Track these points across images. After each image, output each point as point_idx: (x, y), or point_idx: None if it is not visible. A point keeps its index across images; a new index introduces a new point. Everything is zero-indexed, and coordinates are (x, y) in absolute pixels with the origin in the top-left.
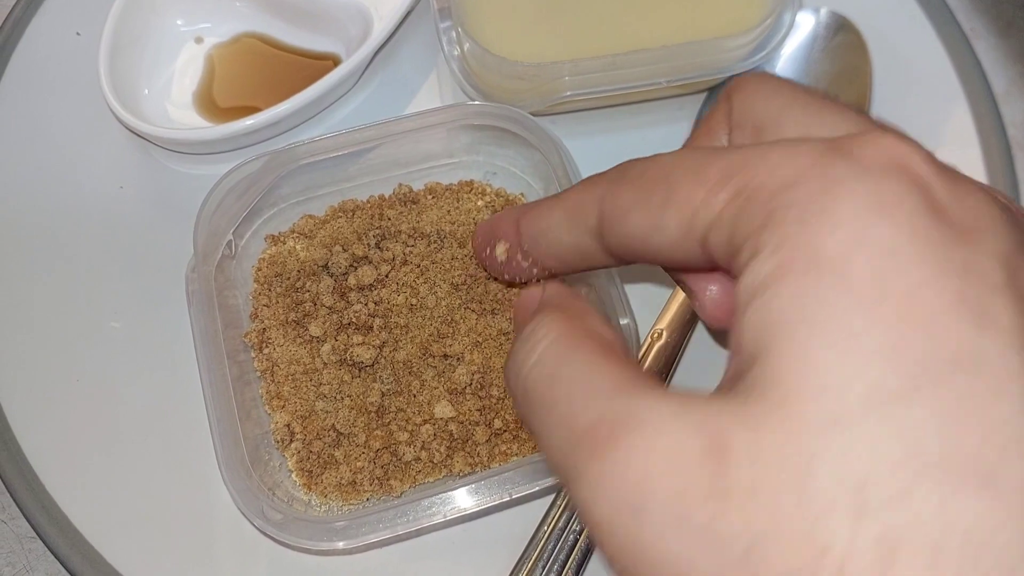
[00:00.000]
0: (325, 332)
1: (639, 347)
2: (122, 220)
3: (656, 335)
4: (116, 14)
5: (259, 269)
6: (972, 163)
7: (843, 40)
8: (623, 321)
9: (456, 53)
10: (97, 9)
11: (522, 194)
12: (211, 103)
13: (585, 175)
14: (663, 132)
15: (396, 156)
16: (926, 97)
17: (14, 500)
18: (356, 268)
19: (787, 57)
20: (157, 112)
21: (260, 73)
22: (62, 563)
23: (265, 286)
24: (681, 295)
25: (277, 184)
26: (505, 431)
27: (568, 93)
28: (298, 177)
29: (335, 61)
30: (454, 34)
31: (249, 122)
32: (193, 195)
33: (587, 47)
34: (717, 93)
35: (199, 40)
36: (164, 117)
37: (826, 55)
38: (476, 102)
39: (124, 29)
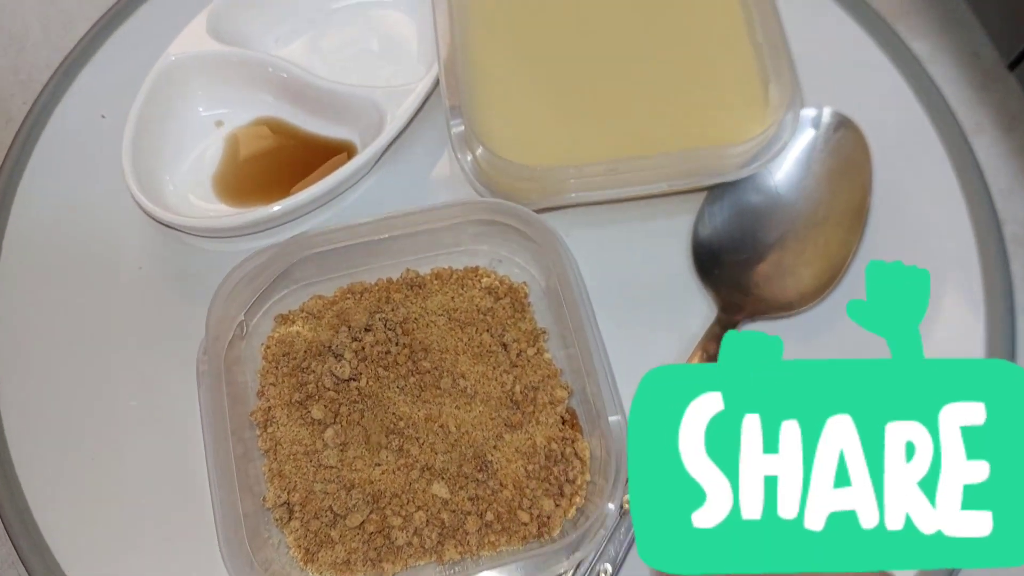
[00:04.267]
0: (326, 415)
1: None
2: (142, 299)
3: None
4: (141, 102)
5: (268, 347)
6: (968, 259)
7: (844, 137)
8: (613, 418)
9: (466, 153)
10: (121, 93)
11: (525, 283)
12: (230, 186)
13: (585, 267)
14: (665, 225)
15: (405, 243)
16: (925, 193)
17: (25, 568)
18: (362, 348)
19: (789, 155)
20: (177, 195)
21: (277, 157)
22: None
23: (273, 364)
24: None
25: (289, 269)
26: (496, 522)
27: (573, 195)
28: (310, 262)
29: (349, 147)
30: (463, 131)
31: (265, 212)
32: (211, 272)
33: (592, 151)
34: (718, 190)
35: (219, 124)
36: (184, 199)
37: (827, 152)
38: (481, 199)
39: (148, 115)
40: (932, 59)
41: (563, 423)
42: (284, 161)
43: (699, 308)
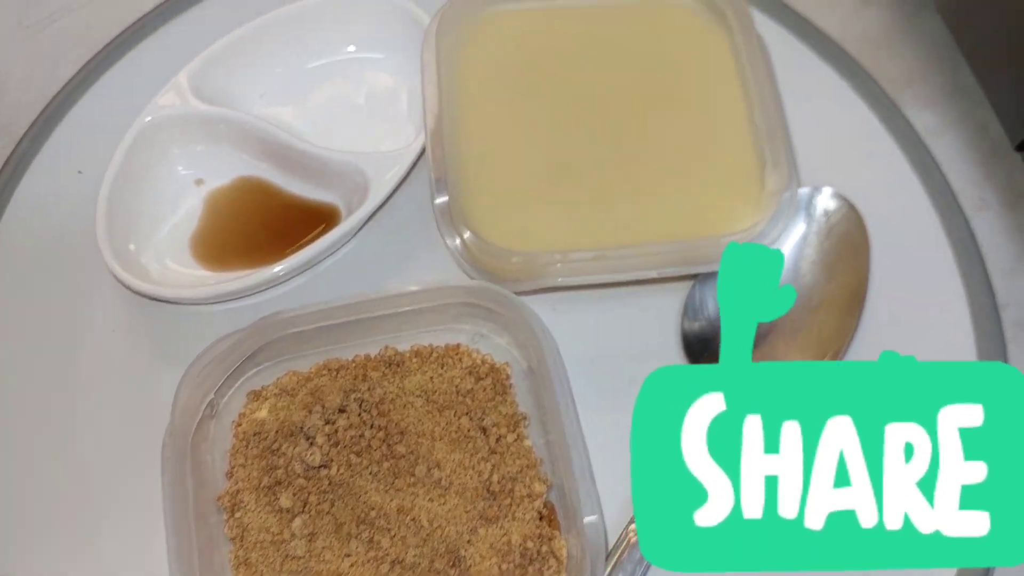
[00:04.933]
0: (295, 504)
1: (607, 545)
2: (114, 364)
3: (635, 532)
4: (119, 162)
5: (239, 425)
6: (964, 342)
7: (842, 219)
8: (589, 519)
9: (450, 229)
10: (99, 149)
11: (507, 363)
12: (208, 247)
13: (570, 347)
14: (650, 305)
15: (384, 320)
16: (923, 277)
17: None
18: (335, 431)
19: (785, 236)
20: (154, 257)
21: (257, 219)
22: None
23: (243, 443)
24: None
25: (264, 345)
26: None
27: (559, 280)
28: (285, 338)
29: (332, 211)
30: (447, 204)
31: (242, 283)
32: (186, 336)
33: (581, 237)
34: (709, 276)
35: (199, 182)
36: (160, 263)
37: (823, 235)
38: (459, 284)
39: (125, 176)
40: (937, 131)
41: (540, 518)
42: (264, 223)
43: None
